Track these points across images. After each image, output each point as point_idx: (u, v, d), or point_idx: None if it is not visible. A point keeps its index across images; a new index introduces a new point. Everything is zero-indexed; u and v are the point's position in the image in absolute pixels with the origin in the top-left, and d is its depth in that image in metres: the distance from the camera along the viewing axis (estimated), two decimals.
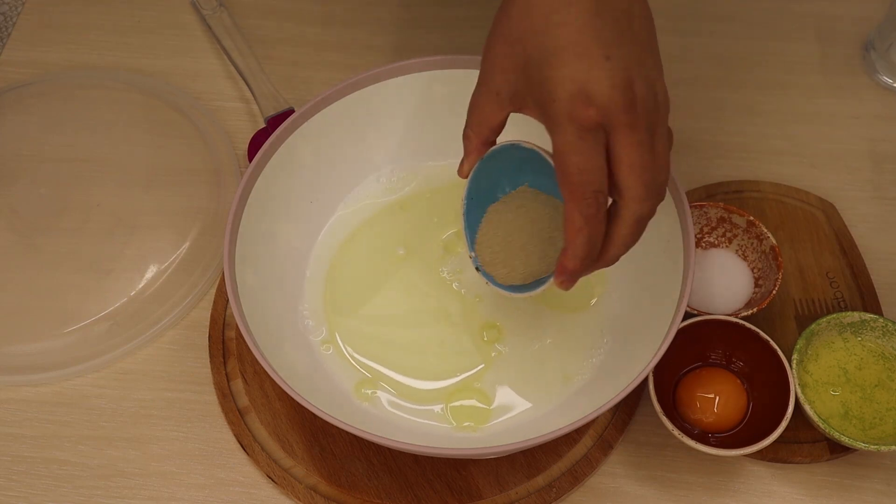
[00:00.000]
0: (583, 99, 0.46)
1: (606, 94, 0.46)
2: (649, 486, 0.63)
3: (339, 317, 0.66)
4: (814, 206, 0.73)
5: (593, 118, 0.46)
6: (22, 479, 0.63)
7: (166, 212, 0.73)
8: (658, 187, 0.48)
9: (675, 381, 0.63)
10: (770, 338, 0.61)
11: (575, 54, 0.46)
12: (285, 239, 0.67)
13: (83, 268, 0.70)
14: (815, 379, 0.63)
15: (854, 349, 0.64)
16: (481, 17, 0.85)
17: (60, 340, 0.67)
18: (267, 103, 0.77)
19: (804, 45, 0.84)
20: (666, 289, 0.59)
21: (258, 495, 0.62)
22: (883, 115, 0.79)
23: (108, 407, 0.66)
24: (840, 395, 0.62)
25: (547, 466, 0.62)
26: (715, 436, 0.61)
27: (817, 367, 0.63)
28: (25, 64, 0.83)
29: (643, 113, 0.46)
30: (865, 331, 0.63)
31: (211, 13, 0.83)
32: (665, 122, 0.49)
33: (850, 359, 0.63)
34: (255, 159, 0.63)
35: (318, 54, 0.84)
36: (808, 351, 0.63)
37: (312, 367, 0.63)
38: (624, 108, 0.46)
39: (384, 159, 0.71)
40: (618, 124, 0.46)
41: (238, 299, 0.58)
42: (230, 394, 0.65)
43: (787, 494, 0.62)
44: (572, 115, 0.46)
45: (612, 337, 0.64)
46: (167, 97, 0.79)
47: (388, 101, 0.68)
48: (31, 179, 0.75)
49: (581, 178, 0.47)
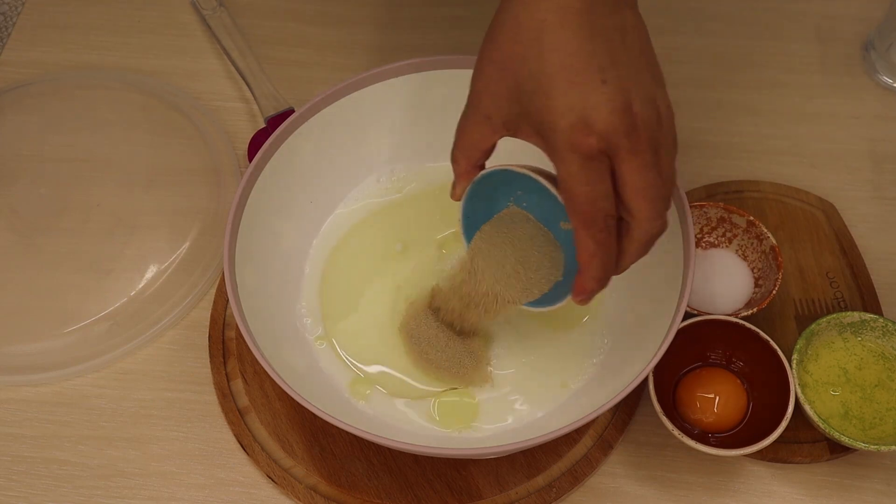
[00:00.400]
0: (582, 128, 0.45)
1: (606, 120, 0.45)
2: (649, 486, 0.63)
3: (335, 315, 0.66)
4: (814, 206, 0.73)
5: (595, 146, 0.45)
6: (22, 479, 0.63)
7: (166, 212, 0.73)
8: (665, 201, 0.48)
9: (675, 381, 0.63)
10: (770, 338, 0.61)
11: (569, 81, 0.45)
12: (285, 238, 0.67)
13: (83, 268, 0.70)
14: (815, 379, 0.63)
15: (854, 349, 0.64)
16: (480, 17, 0.85)
17: (60, 340, 0.67)
18: (267, 103, 0.77)
19: (804, 45, 0.84)
20: (666, 289, 0.59)
21: (258, 495, 0.62)
22: (883, 115, 0.79)
23: (108, 407, 0.66)
24: (840, 395, 0.62)
25: (547, 466, 0.62)
26: (715, 436, 0.61)
27: (817, 367, 0.63)
28: (25, 64, 0.83)
29: (645, 133, 0.46)
30: (865, 331, 0.63)
31: (211, 13, 0.83)
32: (669, 134, 0.48)
33: (850, 359, 0.63)
34: (255, 159, 0.63)
35: (318, 54, 0.84)
36: (808, 351, 0.63)
37: (311, 366, 0.63)
38: (625, 132, 0.45)
39: (383, 159, 0.71)
40: (621, 149, 0.45)
41: (238, 299, 0.58)
42: (230, 394, 0.65)
43: (787, 494, 0.62)
44: (574, 145, 0.45)
45: (612, 337, 0.64)
46: (167, 97, 0.79)
47: (388, 100, 0.68)
48: (31, 179, 0.75)
49: (589, 207, 0.46)
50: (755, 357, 0.62)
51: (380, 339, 0.65)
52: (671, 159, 0.48)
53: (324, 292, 0.67)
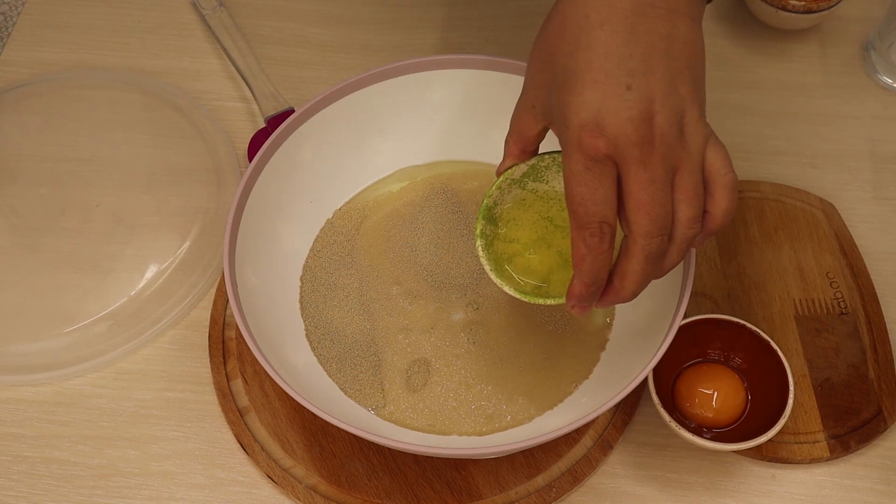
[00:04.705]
0: (593, 129, 0.45)
1: (619, 126, 0.44)
2: (649, 486, 0.63)
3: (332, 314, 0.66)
4: (814, 206, 0.73)
5: (601, 150, 0.45)
6: (22, 479, 0.63)
7: (166, 212, 0.73)
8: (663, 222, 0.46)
9: (674, 376, 0.63)
10: (770, 338, 0.61)
11: (593, 80, 0.45)
12: (285, 238, 0.67)
13: (83, 268, 0.70)
14: (523, 244, 0.57)
15: (548, 194, 0.56)
16: (481, 17, 0.85)
17: (60, 340, 0.67)
18: (267, 103, 0.77)
19: (804, 45, 0.84)
20: (666, 289, 0.59)
21: (258, 495, 0.62)
22: (883, 115, 0.79)
23: (108, 407, 0.66)
24: (556, 245, 0.57)
25: (547, 466, 0.62)
26: (712, 431, 0.61)
27: (520, 230, 0.57)
28: (25, 64, 0.83)
29: (661, 148, 0.45)
30: (542, 173, 0.56)
31: (211, 13, 0.83)
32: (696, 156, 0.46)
33: (549, 206, 0.57)
34: (255, 159, 0.63)
35: (318, 54, 0.84)
36: (501, 222, 0.57)
37: (311, 366, 0.63)
38: (636, 142, 0.44)
39: (383, 159, 0.71)
40: (628, 159, 0.45)
41: (238, 299, 0.58)
42: (230, 394, 0.65)
43: (787, 494, 0.62)
44: (581, 143, 0.45)
45: (612, 337, 0.64)
46: (167, 97, 0.79)
47: (388, 100, 0.68)
48: (31, 179, 0.75)
49: (584, 209, 0.46)
50: (754, 357, 0.62)
51: None
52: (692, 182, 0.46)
53: (320, 292, 0.67)
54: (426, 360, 0.64)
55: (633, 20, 0.45)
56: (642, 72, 0.45)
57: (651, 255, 0.47)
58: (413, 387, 0.63)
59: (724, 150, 0.48)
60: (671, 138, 0.45)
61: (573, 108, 0.45)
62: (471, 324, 0.65)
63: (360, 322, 0.65)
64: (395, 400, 0.63)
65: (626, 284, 0.48)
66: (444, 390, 0.63)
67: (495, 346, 0.64)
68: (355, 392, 0.63)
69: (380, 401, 0.62)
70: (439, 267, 0.67)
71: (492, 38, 0.84)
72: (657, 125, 0.45)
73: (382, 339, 0.65)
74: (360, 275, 0.68)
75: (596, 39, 0.45)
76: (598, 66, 0.45)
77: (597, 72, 0.45)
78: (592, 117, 0.45)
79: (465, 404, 0.62)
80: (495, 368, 0.64)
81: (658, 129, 0.45)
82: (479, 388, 0.63)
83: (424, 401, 0.63)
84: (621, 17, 0.45)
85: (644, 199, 0.45)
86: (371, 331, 0.65)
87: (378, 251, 0.69)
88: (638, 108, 0.44)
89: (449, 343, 0.64)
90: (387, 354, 0.64)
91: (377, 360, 0.64)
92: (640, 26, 0.45)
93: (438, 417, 0.62)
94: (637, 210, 0.46)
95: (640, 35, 0.45)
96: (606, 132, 0.44)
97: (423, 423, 0.62)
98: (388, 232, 0.69)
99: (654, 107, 0.45)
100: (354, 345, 0.64)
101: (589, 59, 0.45)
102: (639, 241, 0.46)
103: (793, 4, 0.79)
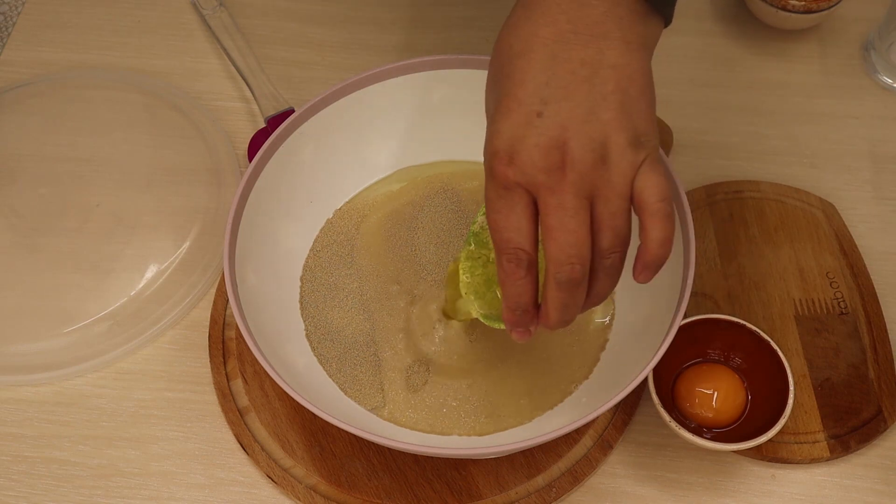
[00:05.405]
0: (504, 157, 0.45)
1: (527, 153, 0.44)
2: (649, 486, 0.63)
3: (330, 313, 0.66)
4: (814, 206, 0.73)
5: (510, 177, 0.45)
6: (22, 479, 0.63)
7: (166, 212, 0.73)
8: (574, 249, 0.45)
9: (674, 376, 0.63)
10: (770, 338, 0.61)
11: (507, 109, 0.45)
12: (285, 238, 0.67)
13: (83, 268, 0.70)
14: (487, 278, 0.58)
15: None
16: (481, 17, 0.85)
17: (60, 340, 0.67)
18: (267, 103, 0.77)
19: (804, 45, 0.84)
20: (666, 289, 0.59)
21: (258, 495, 0.62)
22: (883, 115, 0.79)
23: (108, 407, 0.66)
24: None
25: (547, 466, 0.62)
26: (712, 431, 0.61)
27: None
28: (25, 64, 0.83)
29: (571, 175, 0.44)
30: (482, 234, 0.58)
31: (211, 13, 0.83)
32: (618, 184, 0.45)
33: None
34: (255, 159, 0.63)
35: (318, 54, 0.84)
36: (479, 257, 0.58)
37: (311, 366, 0.63)
38: (543, 168, 0.44)
39: (383, 159, 0.71)
40: (538, 185, 0.45)
41: (238, 299, 0.58)
42: (230, 394, 0.65)
43: (787, 494, 0.62)
44: (492, 171, 0.46)
45: (612, 337, 0.64)
46: (167, 97, 0.79)
47: (389, 100, 0.68)
48: (31, 179, 0.75)
49: (499, 236, 0.46)
50: (754, 357, 0.62)
51: None
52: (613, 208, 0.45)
53: (317, 291, 0.67)
54: (426, 360, 0.64)
55: (553, 48, 0.45)
56: (557, 98, 0.45)
57: (562, 282, 0.46)
58: (413, 387, 0.63)
59: (660, 177, 0.46)
60: (584, 165, 0.45)
61: (489, 137, 0.46)
62: (471, 324, 0.65)
63: (359, 322, 0.66)
64: (394, 400, 0.63)
65: (547, 310, 0.48)
66: (444, 390, 0.63)
67: (495, 346, 0.64)
68: (355, 392, 0.63)
69: (380, 401, 0.62)
70: (439, 266, 0.67)
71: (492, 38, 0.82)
72: (569, 151, 0.44)
73: (382, 339, 0.65)
74: (360, 275, 0.68)
75: (516, 68, 0.46)
76: (513, 95, 0.46)
77: (511, 100, 0.45)
78: (504, 146, 0.45)
79: (465, 404, 0.62)
80: (495, 368, 0.64)
81: (569, 155, 0.44)
82: (479, 388, 0.63)
83: (424, 401, 0.63)
84: (541, 45, 0.45)
85: (552, 224, 0.45)
86: (371, 330, 0.65)
87: (378, 251, 0.69)
88: (548, 136, 0.44)
89: (449, 343, 0.64)
90: (387, 354, 0.64)
91: (377, 360, 0.64)
92: (561, 53, 0.45)
93: (438, 417, 0.62)
94: (546, 236, 0.46)
95: (561, 62, 0.45)
96: (515, 160, 0.45)
97: (423, 423, 0.62)
98: (387, 232, 0.69)
99: (567, 134, 0.45)
100: (354, 344, 0.64)
101: (508, 88, 0.46)
102: (550, 268, 0.46)
103: (793, 4, 0.79)
